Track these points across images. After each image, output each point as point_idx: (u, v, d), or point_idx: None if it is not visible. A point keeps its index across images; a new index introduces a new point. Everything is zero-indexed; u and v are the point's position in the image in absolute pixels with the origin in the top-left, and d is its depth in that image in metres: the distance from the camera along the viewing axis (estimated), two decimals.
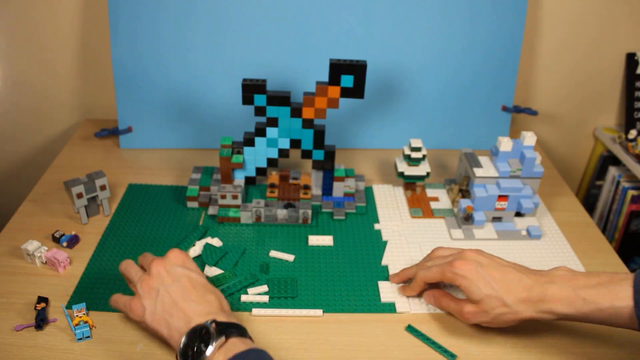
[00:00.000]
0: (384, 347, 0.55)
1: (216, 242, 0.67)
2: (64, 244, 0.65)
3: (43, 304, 0.56)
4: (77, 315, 0.54)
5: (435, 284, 0.59)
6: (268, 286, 0.61)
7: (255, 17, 0.79)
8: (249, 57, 0.81)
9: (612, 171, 0.98)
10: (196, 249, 0.65)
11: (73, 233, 0.66)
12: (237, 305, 0.59)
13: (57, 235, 0.66)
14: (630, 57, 0.92)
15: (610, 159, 0.98)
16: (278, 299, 0.60)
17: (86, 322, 0.54)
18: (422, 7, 0.80)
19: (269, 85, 0.70)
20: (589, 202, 1.03)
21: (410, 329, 0.56)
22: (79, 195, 0.66)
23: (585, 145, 1.02)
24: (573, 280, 0.50)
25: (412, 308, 0.59)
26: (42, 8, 0.84)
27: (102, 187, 0.68)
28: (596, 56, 0.92)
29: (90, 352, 0.53)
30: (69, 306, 0.57)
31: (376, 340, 0.55)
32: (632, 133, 0.91)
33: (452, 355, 0.53)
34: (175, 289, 0.50)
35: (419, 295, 0.60)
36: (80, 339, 0.53)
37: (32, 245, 0.62)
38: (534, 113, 0.90)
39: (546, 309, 0.50)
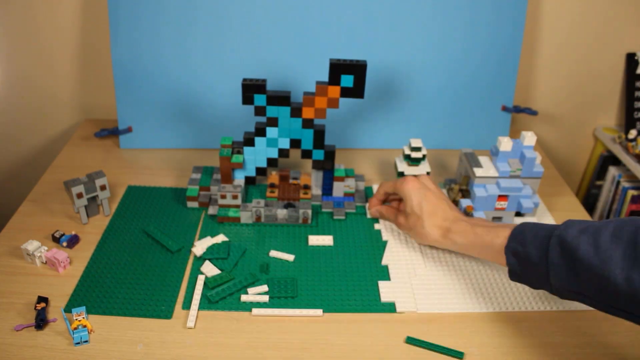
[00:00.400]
0: (384, 347, 0.55)
1: (221, 237, 0.67)
2: (64, 244, 0.65)
3: (43, 304, 0.56)
4: (76, 319, 0.54)
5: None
6: (268, 286, 0.61)
7: (255, 17, 0.79)
8: (249, 56, 0.81)
9: (612, 171, 0.98)
10: (197, 249, 0.65)
11: (73, 233, 0.66)
12: (236, 305, 0.59)
13: (57, 235, 0.66)
14: (630, 57, 0.92)
15: (610, 159, 0.98)
16: (278, 298, 0.60)
17: (85, 326, 0.54)
18: (422, 7, 0.80)
19: (269, 85, 0.70)
20: (589, 202, 1.03)
21: (410, 339, 0.55)
22: (79, 195, 0.66)
23: (585, 145, 1.02)
24: (478, 221, 0.61)
25: (411, 307, 0.59)
26: (42, 8, 0.84)
27: (102, 187, 0.68)
28: (596, 56, 0.92)
29: (90, 352, 0.53)
30: (68, 309, 0.57)
31: (376, 340, 0.55)
32: (632, 133, 0.91)
33: (459, 353, 0.53)
34: None
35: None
36: (78, 343, 0.53)
37: (32, 245, 0.62)
38: (534, 113, 0.90)
39: (449, 237, 0.61)
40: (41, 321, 0.54)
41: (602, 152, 0.98)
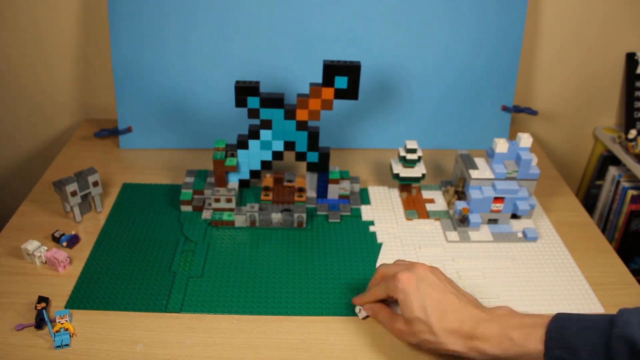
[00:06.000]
0: (383, 347, 0.55)
1: None
2: (64, 243, 0.66)
3: (43, 304, 0.57)
4: (59, 322, 0.53)
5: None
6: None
7: (250, 18, 0.79)
8: (248, 58, 0.81)
9: (612, 171, 0.97)
10: None
11: (73, 233, 0.67)
12: (236, 305, 0.59)
13: (57, 235, 0.66)
14: (630, 57, 0.91)
15: (610, 159, 0.98)
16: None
17: (67, 329, 0.53)
18: (420, 7, 0.79)
19: (263, 87, 0.69)
20: (589, 202, 1.03)
21: None
22: (73, 193, 0.66)
23: (585, 145, 1.02)
24: (508, 319, 0.48)
25: None
26: (42, 8, 0.85)
27: (95, 184, 0.69)
28: (596, 56, 0.92)
29: (90, 351, 0.53)
30: (70, 306, 0.58)
31: (374, 340, 0.56)
32: (632, 133, 0.91)
33: None
34: None
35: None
36: (59, 346, 0.52)
37: (32, 245, 0.63)
38: (534, 113, 0.90)
39: (474, 346, 0.47)
40: (41, 321, 0.55)
41: (602, 152, 0.98)
